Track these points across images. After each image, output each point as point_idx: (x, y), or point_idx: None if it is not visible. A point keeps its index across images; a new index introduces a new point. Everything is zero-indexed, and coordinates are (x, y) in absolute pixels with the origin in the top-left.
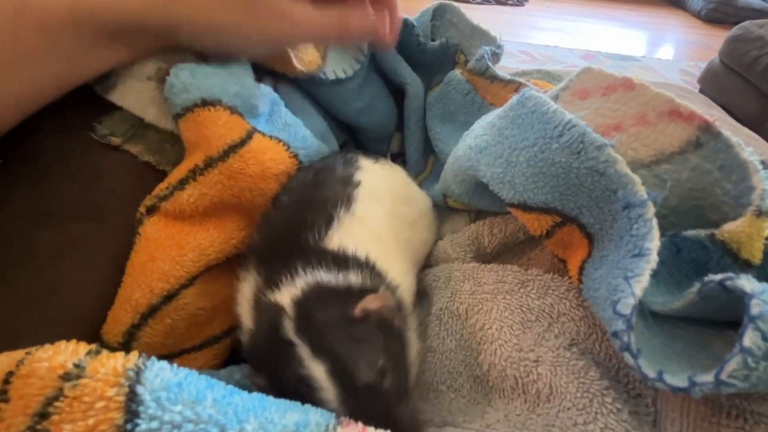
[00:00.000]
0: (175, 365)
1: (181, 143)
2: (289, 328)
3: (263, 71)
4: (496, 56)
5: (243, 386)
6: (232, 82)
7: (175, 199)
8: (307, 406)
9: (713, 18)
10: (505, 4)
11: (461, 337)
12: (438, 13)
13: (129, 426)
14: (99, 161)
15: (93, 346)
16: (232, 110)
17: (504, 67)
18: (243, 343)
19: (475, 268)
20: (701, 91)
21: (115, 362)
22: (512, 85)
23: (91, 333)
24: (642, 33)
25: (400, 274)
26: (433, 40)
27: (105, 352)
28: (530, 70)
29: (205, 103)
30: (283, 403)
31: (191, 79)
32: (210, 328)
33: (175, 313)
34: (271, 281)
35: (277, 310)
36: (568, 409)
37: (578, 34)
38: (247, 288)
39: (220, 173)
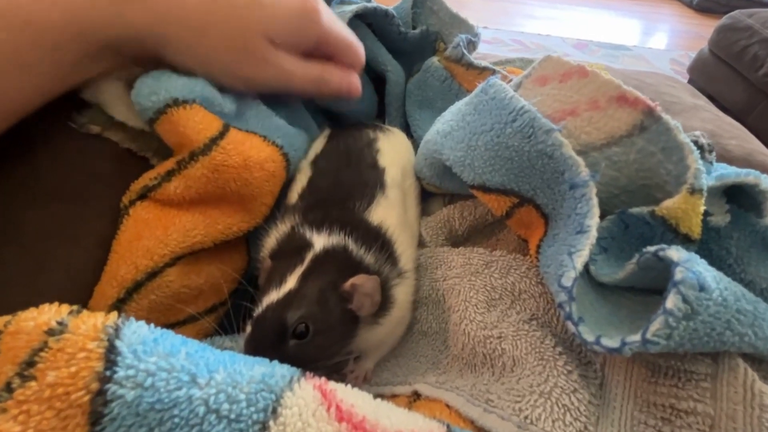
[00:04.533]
0: (152, 325)
1: None
2: (305, 258)
3: None
4: (472, 44)
5: None
6: (196, 86)
7: (163, 190)
8: (275, 362)
9: (705, 8)
10: None
11: (442, 320)
12: (419, 0)
13: (108, 373)
14: (82, 147)
15: (74, 307)
16: (205, 106)
17: (495, 56)
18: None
19: (445, 253)
20: (690, 80)
21: (95, 320)
22: (486, 73)
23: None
24: (635, 22)
25: (409, 260)
26: (414, 27)
27: (85, 312)
28: (514, 58)
29: (177, 103)
30: (253, 359)
31: (157, 83)
32: (194, 305)
33: (159, 290)
34: (310, 223)
35: (306, 242)
36: (528, 376)
37: (571, 22)
38: (282, 227)
39: (203, 167)
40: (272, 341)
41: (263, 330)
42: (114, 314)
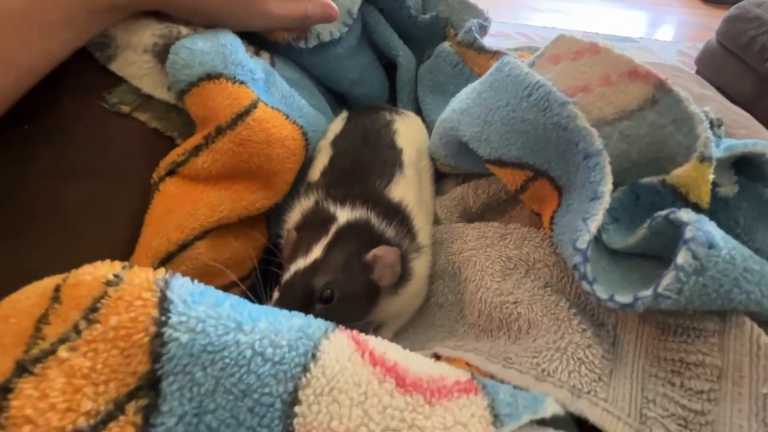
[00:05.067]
0: (196, 281)
1: (185, 111)
2: (330, 230)
3: (260, 45)
4: (483, 29)
5: None
6: (228, 53)
7: (191, 165)
8: (310, 315)
9: None
10: None
11: (458, 292)
12: None
13: (163, 318)
14: (112, 127)
15: (126, 263)
16: (234, 80)
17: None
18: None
19: (460, 228)
20: (698, 72)
21: (147, 273)
22: (498, 56)
23: None
24: (642, 14)
25: (426, 235)
26: (424, 13)
27: (137, 267)
28: (521, 47)
29: (210, 77)
30: (289, 312)
31: (192, 56)
32: (220, 278)
33: (190, 261)
34: (334, 198)
35: (330, 215)
36: (543, 336)
37: (577, 15)
38: (306, 203)
39: (230, 141)
40: (300, 304)
41: (291, 294)
42: (162, 270)
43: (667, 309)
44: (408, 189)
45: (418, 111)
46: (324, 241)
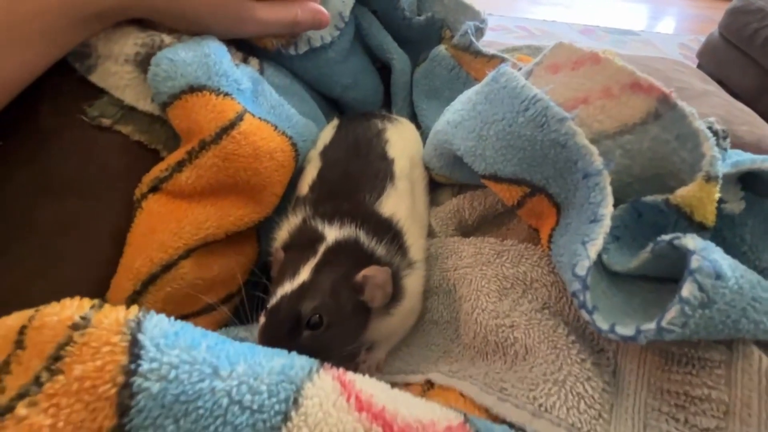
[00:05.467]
0: (172, 318)
1: (170, 123)
2: (318, 251)
3: (248, 52)
4: (480, 31)
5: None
6: (212, 64)
7: (175, 181)
8: (293, 353)
9: None
10: None
11: (453, 310)
12: None
13: (132, 366)
14: (93, 141)
15: (96, 302)
16: (218, 92)
17: (500, 43)
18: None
19: (455, 243)
20: (699, 65)
21: (117, 314)
22: (495, 61)
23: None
24: (643, 6)
25: (419, 250)
26: (419, 15)
27: (107, 306)
28: (520, 45)
29: (192, 89)
30: (272, 351)
31: (173, 68)
32: (208, 296)
33: (175, 282)
34: (322, 216)
35: (318, 235)
36: (541, 364)
37: (577, 8)
38: (294, 220)
39: (214, 155)
40: (286, 331)
41: (278, 320)
42: (135, 308)
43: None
44: (400, 202)
45: (413, 115)
46: (312, 263)
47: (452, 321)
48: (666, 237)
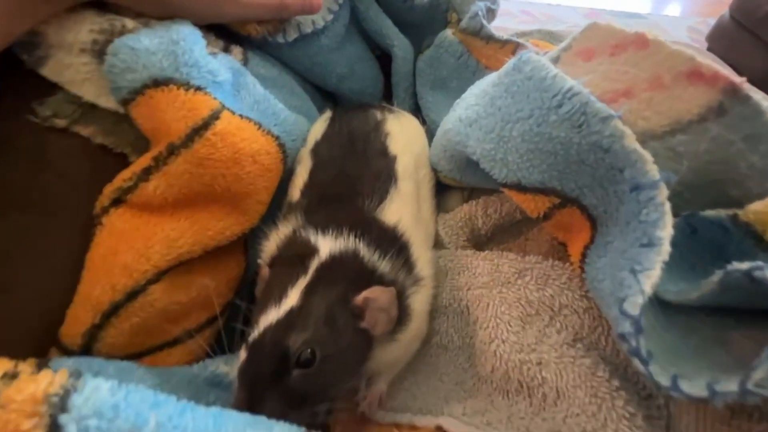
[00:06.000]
0: (115, 382)
1: None
2: (310, 267)
3: (230, 40)
4: (491, 13)
5: (218, 380)
6: (181, 53)
7: (141, 191)
8: (272, 421)
9: None
10: None
11: (466, 335)
12: None
13: None
14: (47, 145)
15: (9, 368)
16: (188, 86)
17: (503, 29)
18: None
19: (468, 257)
20: (709, 49)
21: (36, 387)
22: (509, 46)
23: (48, 335)
24: None
25: (426, 264)
26: None
27: (24, 376)
28: (531, 30)
29: (157, 83)
30: (245, 419)
31: (134, 57)
32: (186, 321)
33: (143, 311)
34: (315, 225)
35: (310, 248)
36: (577, 415)
37: None
38: (283, 230)
39: (185, 161)
40: (272, 371)
41: (261, 358)
42: (62, 374)
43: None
44: (404, 207)
45: (417, 109)
46: (302, 283)
47: (464, 347)
48: (741, 266)
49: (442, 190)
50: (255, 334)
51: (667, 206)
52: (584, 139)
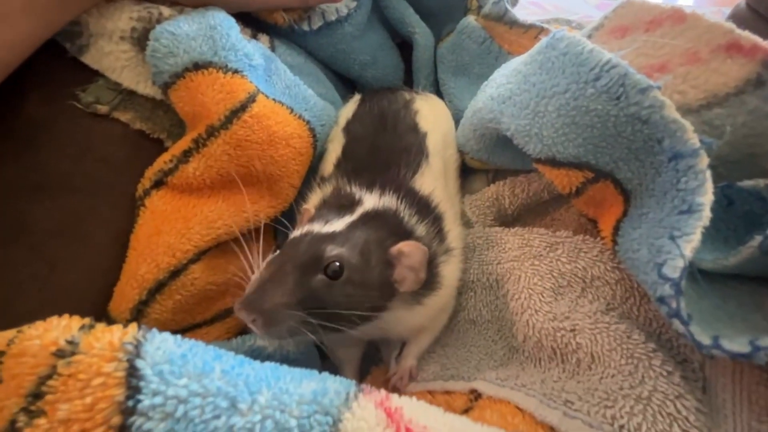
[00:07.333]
0: (178, 336)
1: (174, 109)
2: (356, 211)
3: (257, 28)
4: None
5: (256, 354)
6: (219, 37)
7: (181, 173)
8: (325, 374)
9: None
10: None
11: (495, 308)
12: None
13: (131, 403)
14: (89, 131)
15: (87, 321)
16: (226, 70)
17: None
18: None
19: (498, 233)
20: None
21: (111, 336)
22: (533, 31)
23: (97, 311)
24: None
25: (456, 237)
26: None
27: (100, 326)
28: (548, 19)
29: (197, 67)
30: (299, 371)
31: (175, 42)
32: (222, 302)
33: (184, 289)
34: (359, 184)
35: (355, 198)
36: (613, 375)
37: None
38: (327, 189)
39: (224, 143)
40: (300, 267)
41: (295, 253)
42: (133, 327)
43: None
44: (435, 181)
45: (439, 95)
46: (348, 219)
47: (494, 321)
48: None
49: (466, 173)
50: (296, 233)
51: (708, 173)
52: (622, 111)
